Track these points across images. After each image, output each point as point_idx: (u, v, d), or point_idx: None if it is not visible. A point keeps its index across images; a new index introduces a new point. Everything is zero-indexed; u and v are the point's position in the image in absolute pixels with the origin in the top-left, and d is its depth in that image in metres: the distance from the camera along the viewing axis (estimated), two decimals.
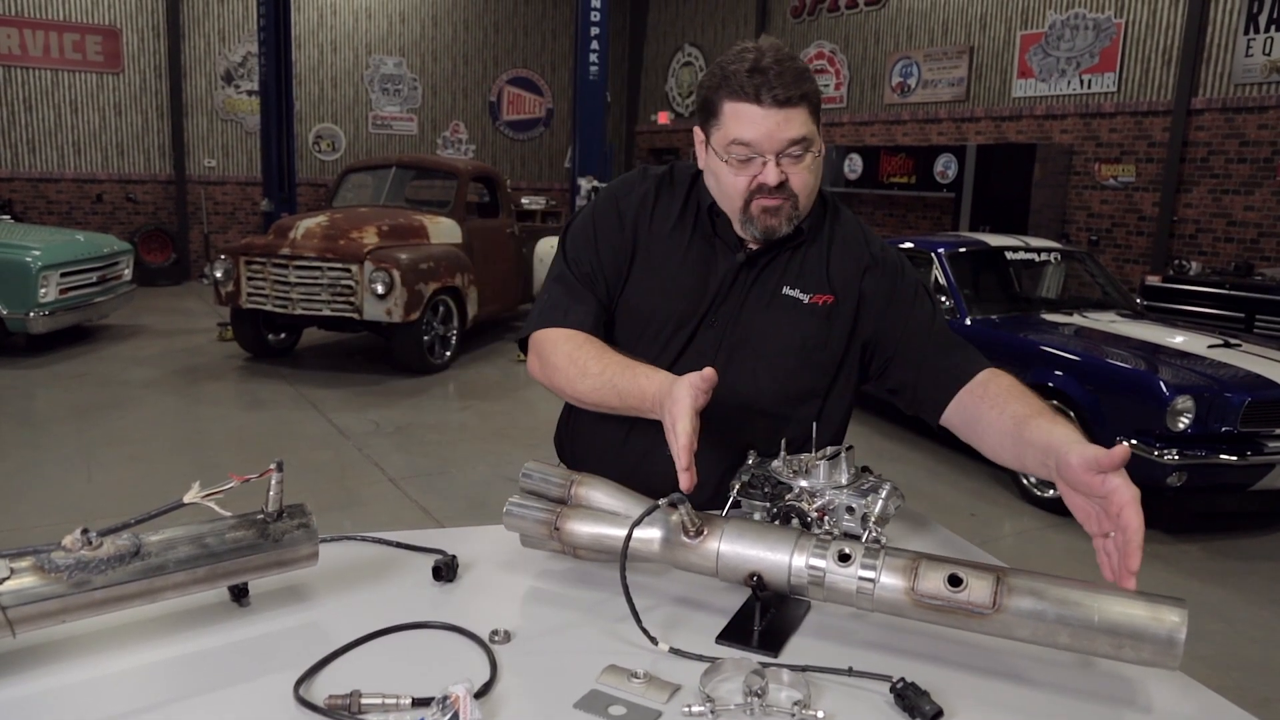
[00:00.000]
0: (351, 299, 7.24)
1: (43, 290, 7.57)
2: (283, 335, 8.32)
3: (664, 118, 15.21)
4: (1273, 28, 8.04)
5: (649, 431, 1.52)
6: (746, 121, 1.45)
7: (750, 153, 1.47)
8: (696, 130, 1.58)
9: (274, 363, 8.03)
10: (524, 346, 1.67)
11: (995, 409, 1.47)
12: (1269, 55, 8.07)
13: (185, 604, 1.20)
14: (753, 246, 1.61)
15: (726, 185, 1.53)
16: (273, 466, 1.15)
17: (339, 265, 7.25)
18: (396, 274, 7.13)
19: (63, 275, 7.82)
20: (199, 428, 6.32)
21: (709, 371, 1.30)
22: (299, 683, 1.03)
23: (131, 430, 6.00)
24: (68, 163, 12.25)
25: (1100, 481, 1.14)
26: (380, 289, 7.11)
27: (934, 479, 5.59)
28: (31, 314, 7.54)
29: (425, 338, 7.65)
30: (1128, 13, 9.09)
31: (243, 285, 7.49)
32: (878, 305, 1.62)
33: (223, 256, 7.60)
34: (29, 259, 7.55)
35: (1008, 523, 5.01)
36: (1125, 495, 1.11)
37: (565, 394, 1.59)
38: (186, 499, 1.08)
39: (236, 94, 13.19)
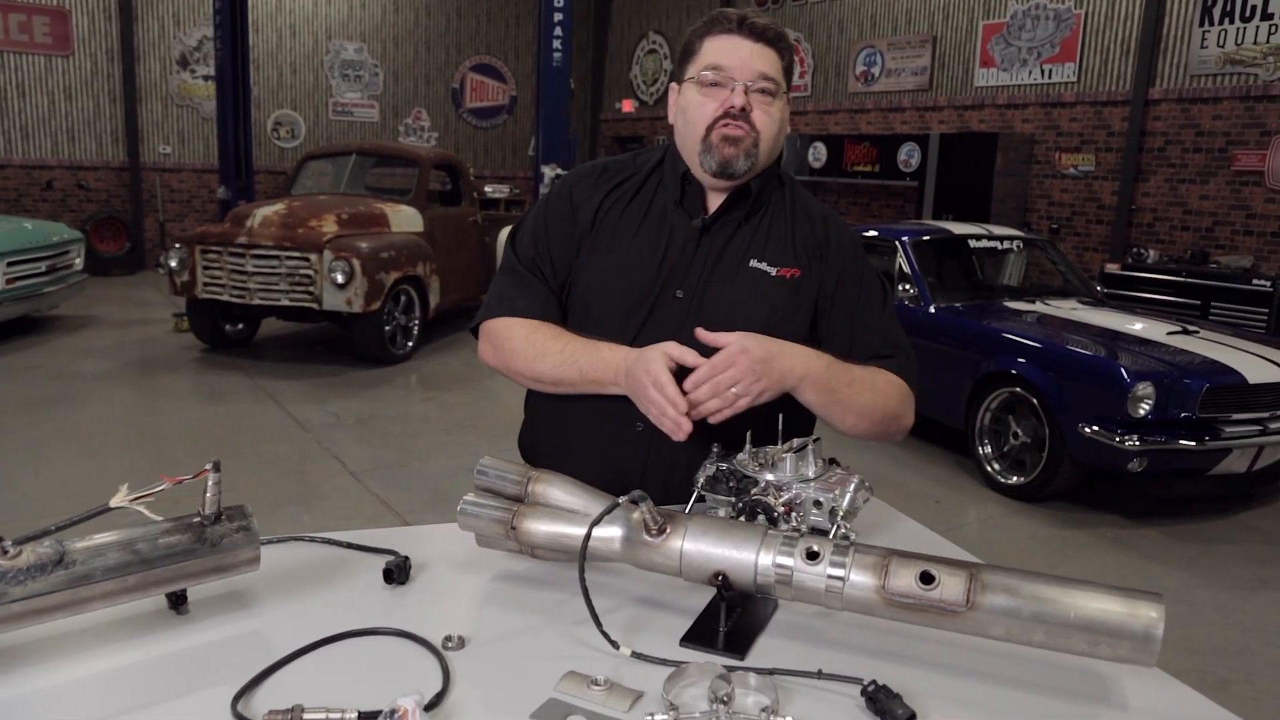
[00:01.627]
0: (310, 289, 7.11)
1: None
2: (240, 326, 8.15)
3: (629, 105, 15.11)
4: (1226, 20, 8.12)
5: (610, 421, 1.51)
6: (724, 47, 1.52)
7: (721, 76, 1.51)
8: (672, 87, 1.62)
9: (232, 354, 7.87)
10: (476, 333, 1.67)
11: None
12: (1223, 47, 8.16)
13: (120, 613, 1.13)
14: (710, 207, 1.59)
15: (693, 112, 1.55)
16: (208, 466, 1.08)
17: (297, 254, 7.10)
18: (356, 263, 7.01)
19: (9, 264, 7.60)
20: (154, 421, 6.17)
21: (689, 352, 1.40)
22: (237, 697, 0.97)
23: (83, 424, 5.84)
24: (15, 148, 11.89)
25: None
26: (340, 278, 6.98)
27: (899, 467, 5.60)
28: None
29: (386, 328, 7.53)
30: (1087, 3, 9.15)
31: (198, 275, 7.33)
32: (828, 286, 1.61)
33: (177, 245, 7.43)
34: None
35: (972, 510, 5.03)
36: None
37: (523, 375, 1.59)
38: (113, 503, 1.01)
39: (192, 79, 12.90)
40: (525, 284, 1.62)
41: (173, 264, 7.37)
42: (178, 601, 1.17)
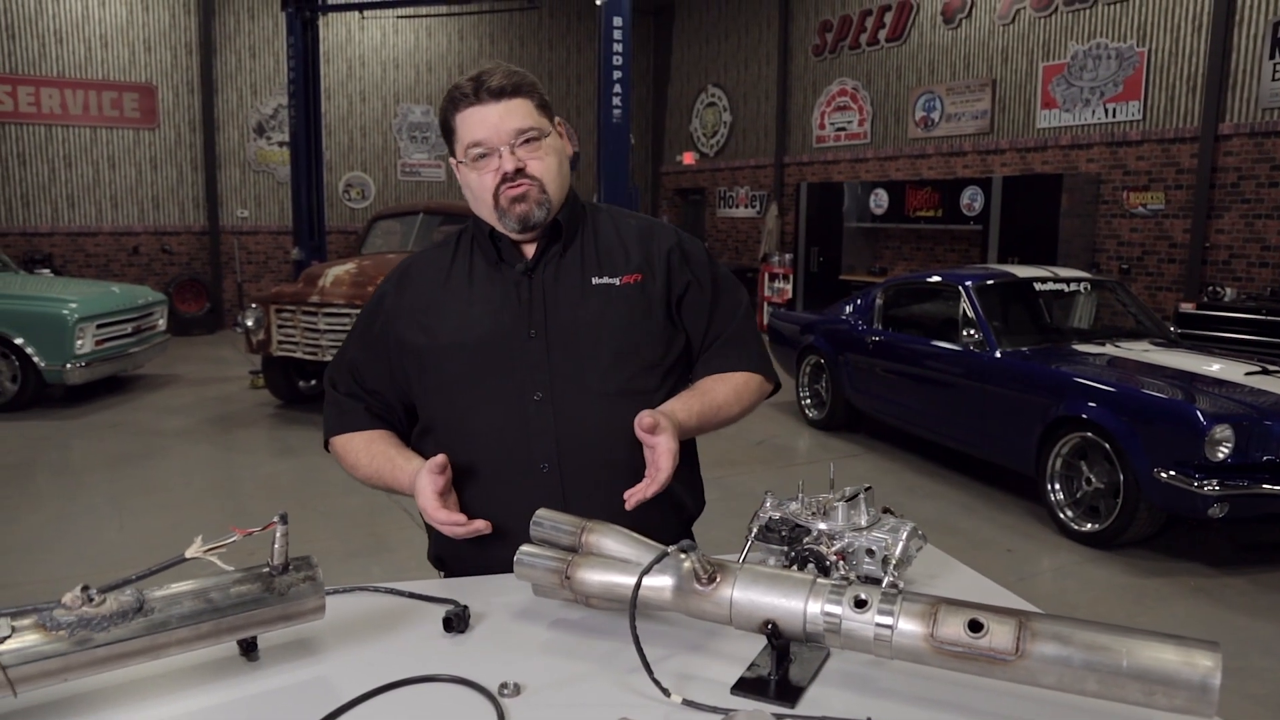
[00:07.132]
0: None
1: (79, 342, 7.70)
2: (314, 382, 8.37)
3: (689, 158, 15.30)
4: None
5: (513, 465, 1.57)
6: (474, 122, 1.57)
7: (485, 149, 1.57)
8: (451, 161, 1.67)
9: (305, 409, 8.08)
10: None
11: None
12: None
13: (194, 659, 1.19)
14: (528, 254, 1.65)
15: (476, 189, 1.61)
16: (276, 519, 1.14)
17: None
18: None
19: (98, 326, 7.96)
20: (230, 475, 6.36)
21: (439, 458, 1.51)
22: None
23: (164, 479, 6.05)
24: (105, 216, 12.54)
25: (649, 438, 1.43)
26: None
27: (968, 514, 5.48)
28: (68, 365, 7.66)
29: None
30: (1150, 41, 9.05)
31: (273, 333, 7.58)
32: (680, 286, 1.67)
33: (253, 305, 7.70)
34: (65, 311, 7.71)
35: (1045, 558, 4.89)
36: (663, 446, 1.43)
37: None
38: (188, 554, 1.07)
39: (268, 145, 13.46)
40: (341, 407, 1.75)
41: (249, 323, 7.64)
42: (249, 648, 1.22)
